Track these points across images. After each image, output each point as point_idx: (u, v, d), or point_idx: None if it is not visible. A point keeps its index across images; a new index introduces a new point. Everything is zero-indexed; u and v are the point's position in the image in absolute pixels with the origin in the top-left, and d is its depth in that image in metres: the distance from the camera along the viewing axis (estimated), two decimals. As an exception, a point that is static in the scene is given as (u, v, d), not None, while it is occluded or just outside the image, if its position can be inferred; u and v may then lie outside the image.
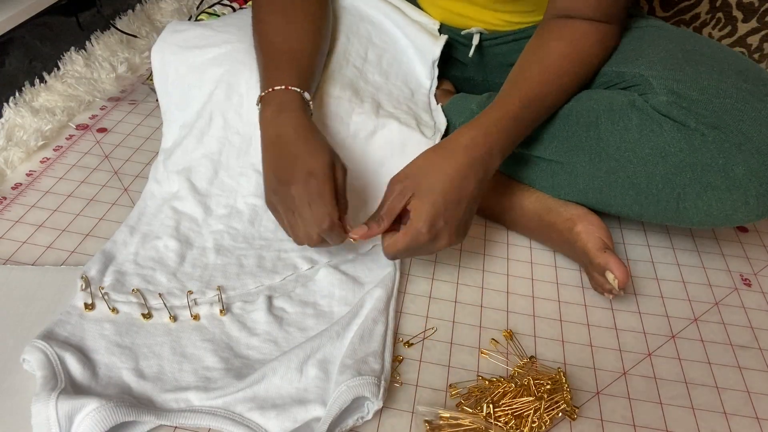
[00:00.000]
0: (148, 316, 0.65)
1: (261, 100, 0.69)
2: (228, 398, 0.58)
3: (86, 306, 0.64)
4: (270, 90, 0.68)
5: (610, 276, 0.67)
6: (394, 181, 0.65)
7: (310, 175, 0.62)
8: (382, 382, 0.58)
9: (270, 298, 0.68)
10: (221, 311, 0.66)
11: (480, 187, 0.66)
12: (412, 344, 0.66)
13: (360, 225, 0.65)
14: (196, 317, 0.66)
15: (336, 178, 0.64)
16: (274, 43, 0.72)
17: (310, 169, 0.62)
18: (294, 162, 0.63)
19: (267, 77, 0.70)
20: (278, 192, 0.64)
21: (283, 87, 0.67)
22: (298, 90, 0.68)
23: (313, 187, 0.62)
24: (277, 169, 0.64)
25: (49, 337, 0.60)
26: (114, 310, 0.65)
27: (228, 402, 0.57)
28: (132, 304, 0.66)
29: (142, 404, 0.56)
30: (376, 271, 0.72)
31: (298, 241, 0.65)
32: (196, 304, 0.66)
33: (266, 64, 0.71)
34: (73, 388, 0.56)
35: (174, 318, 0.65)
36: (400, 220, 0.66)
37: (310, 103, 0.69)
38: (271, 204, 0.66)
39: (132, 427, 0.56)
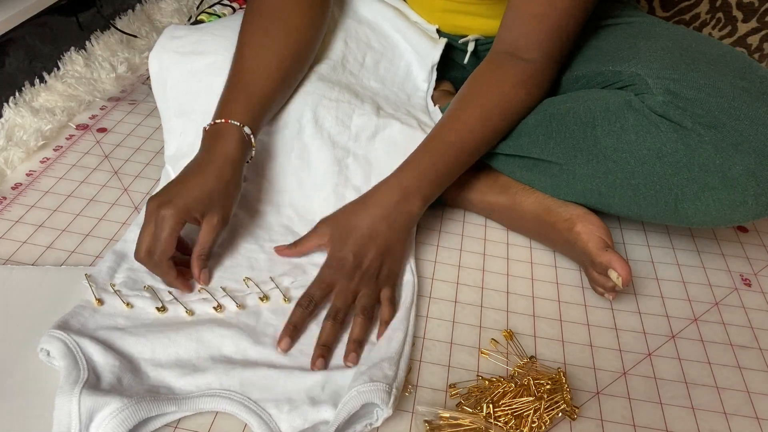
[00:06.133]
0: (162, 309, 0.65)
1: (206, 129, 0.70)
2: (247, 373, 0.59)
3: (97, 301, 0.65)
4: (212, 123, 0.69)
5: (613, 274, 0.67)
6: (319, 223, 0.71)
7: (168, 203, 0.63)
8: (394, 389, 0.57)
9: (288, 289, 0.69)
10: (239, 306, 0.66)
11: (396, 228, 0.70)
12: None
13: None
14: (219, 308, 0.66)
15: (205, 228, 0.65)
16: (243, 63, 0.73)
17: (171, 199, 0.63)
18: (174, 184, 0.65)
19: (219, 104, 0.71)
20: (149, 202, 0.65)
21: (223, 121, 0.68)
22: (238, 124, 0.68)
23: (164, 217, 0.63)
24: (169, 183, 0.67)
25: (64, 327, 0.61)
26: (128, 305, 0.65)
27: (246, 383, 0.58)
28: (146, 299, 0.66)
29: (161, 393, 0.57)
30: None
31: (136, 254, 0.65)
32: (207, 301, 0.67)
33: (225, 87, 0.72)
34: (95, 375, 0.56)
35: (191, 312, 0.66)
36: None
37: (251, 137, 0.69)
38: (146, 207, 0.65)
39: (151, 418, 0.56)
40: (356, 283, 0.66)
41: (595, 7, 0.74)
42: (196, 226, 0.66)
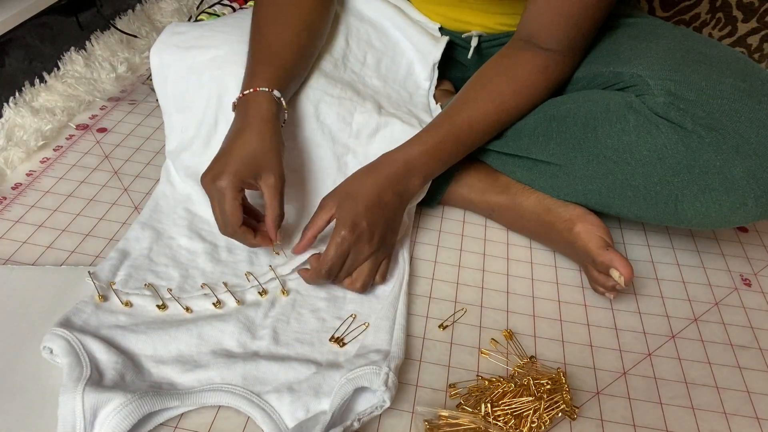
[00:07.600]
0: (163, 307, 0.66)
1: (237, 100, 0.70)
2: (249, 367, 0.59)
3: (101, 297, 0.65)
4: (241, 95, 0.69)
5: (615, 273, 0.67)
6: (322, 200, 0.69)
7: (220, 174, 0.64)
8: (385, 372, 0.58)
9: (284, 281, 0.70)
10: (238, 301, 0.67)
11: (399, 200, 0.70)
12: (446, 327, 0.68)
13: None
14: (218, 304, 0.67)
15: (267, 192, 0.65)
16: (262, 38, 0.73)
17: (222, 169, 0.64)
18: (219, 156, 0.66)
19: (246, 78, 0.71)
20: (202, 179, 0.66)
21: (252, 90, 0.68)
22: (267, 89, 0.68)
23: (221, 188, 0.64)
24: (214, 158, 0.67)
25: (66, 325, 0.61)
26: (128, 303, 0.66)
27: (248, 376, 0.59)
28: (146, 297, 0.66)
29: (164, 389, 0.57)
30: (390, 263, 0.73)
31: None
32: (207, 297, 0.68)
33: (248, 62, 0.72)
34: (98, 372, 0.57)
35: (189, 309, 0.66)
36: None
37: (281, 99, 0.69)
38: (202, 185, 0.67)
39: (154, 414, 0.57)
40: (371, 249, 0.67)
41: None
42: (255, 190, 0.66)
